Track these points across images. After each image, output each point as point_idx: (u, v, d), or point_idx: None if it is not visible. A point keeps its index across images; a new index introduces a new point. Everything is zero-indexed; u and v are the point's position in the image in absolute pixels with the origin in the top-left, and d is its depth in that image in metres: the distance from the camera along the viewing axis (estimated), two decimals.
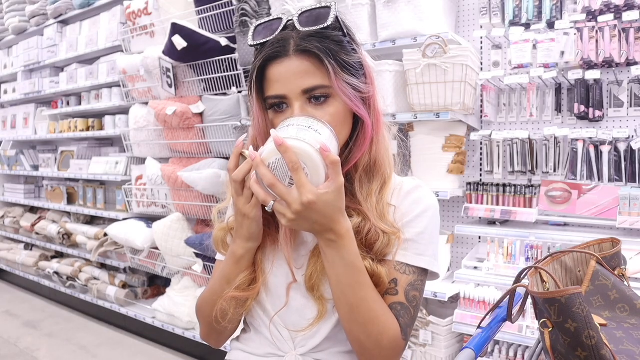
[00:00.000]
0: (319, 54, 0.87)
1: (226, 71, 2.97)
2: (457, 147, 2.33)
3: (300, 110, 0.89)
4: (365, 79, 0.94)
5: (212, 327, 1.01)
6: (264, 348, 1.00)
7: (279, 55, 0.89)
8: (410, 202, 0.97)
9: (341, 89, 0.89)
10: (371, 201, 0.95)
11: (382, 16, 2.38)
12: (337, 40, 0.90)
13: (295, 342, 0.97)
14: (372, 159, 0.96)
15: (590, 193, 2.09)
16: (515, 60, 2.20)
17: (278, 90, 0.90)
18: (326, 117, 0.89)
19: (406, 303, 0.93)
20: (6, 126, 5.33)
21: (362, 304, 0.87)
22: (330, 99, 0.90)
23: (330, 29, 0.89)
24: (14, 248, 5.07)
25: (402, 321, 0.91)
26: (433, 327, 2.33)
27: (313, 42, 0.88)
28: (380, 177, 0.97)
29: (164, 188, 3.30)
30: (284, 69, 0.89)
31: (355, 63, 0.92)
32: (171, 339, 3.37)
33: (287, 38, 0.89)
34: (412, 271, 0.94)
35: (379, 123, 0.97)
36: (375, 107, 0.96)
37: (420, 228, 0.95)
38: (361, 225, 0.92)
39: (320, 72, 0.88)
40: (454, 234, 2.44)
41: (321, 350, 0.96)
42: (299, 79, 0.88)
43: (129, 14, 3.52)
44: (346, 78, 0.90)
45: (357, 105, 0.92)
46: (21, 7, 4.92)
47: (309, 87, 0.88)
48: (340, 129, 0.92)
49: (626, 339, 0.78)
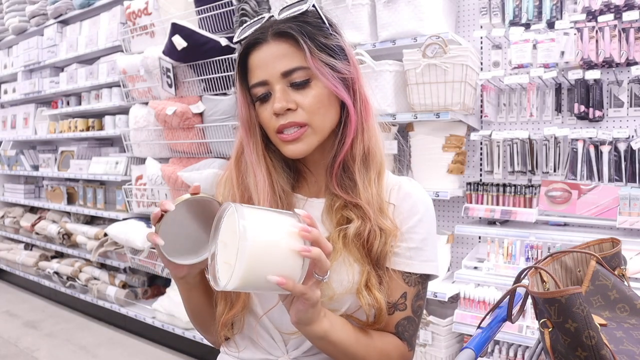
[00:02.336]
0: (294, 34, 0.88)
1: (226, 71, 2.97)
2: (457, 147, 2.33)
3: (281, 93, 0.89)
4: (348, 63, 0.94)
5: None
6: (254, 353, 0.97)
7: (257, 42, 0.91)
8: (411, 205, 0.96)
9: (318, 68, 0.89)
10: (371, 191, 0.94)
11: (382, 16, 2.38)
12: (315, 25, 0.91)
13: (287, 345, 0.95)
14: (366, 147, 0.95)
15: (590, 193, 2.09)
16: (515, 60, 2.20)
17: (259, 76, 0.91)
18: (308, 99, 0.89)
19: (412, 315, 0.95)
20: (6, 126, 5.33)
21: (366, 357, 0.89)
22: (311, 82, 0.90)
23: (309, 16, 0.91)
24: (14, 248, 5.07)
25: (407, 335, 0.95)
26: (433, 327, 2.33)
27: (289, 25, 0.90)
28: (375, 166, 0.97)
29: (164, 188, 3.30)
30: (263, 53, 0.90)
31: (334, 45, 0.92)
32: (171, 339, 3.37)
33: (266, 26, 0.92)
34: (419, 281, 0.95)
35: (367, 110, 0.96)
36: (362, 93, 0.95)
37: (423, 234, 0.96)
38: (360, 228, 0.91)
39: (298, 53, 0.89)
40: (454, 234, 2.44)
41: (314, 353, 0.94)
42: (277, 62, 0.89)
43: (129, 14, 3.52)
44: (324, 57, 0.90)
45: (336, 86, 0.91)
46: (21, 7, 4.92)
47: (288, 69, 0.89)
48: (325, 112, 0.92)
49: (626, 339, 0.78)
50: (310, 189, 1.01)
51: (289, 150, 0.92)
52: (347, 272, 0.90)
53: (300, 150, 0.91)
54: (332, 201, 0.95)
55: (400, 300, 0.94)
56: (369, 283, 0.90)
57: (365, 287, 0.89)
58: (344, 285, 0.90)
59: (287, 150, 0.92)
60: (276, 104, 0.88)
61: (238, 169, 0.99)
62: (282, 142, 0.92)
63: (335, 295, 0.90)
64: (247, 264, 0.67)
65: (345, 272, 0.91)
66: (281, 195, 0.95)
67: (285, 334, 0.94)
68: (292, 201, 0.98)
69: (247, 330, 0.98)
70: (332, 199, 0.95)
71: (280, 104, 0.88)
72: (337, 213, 0.94)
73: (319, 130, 0.92)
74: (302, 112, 0.90)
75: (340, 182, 0.95)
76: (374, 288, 0.90)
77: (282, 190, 0.96)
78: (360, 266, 0.91)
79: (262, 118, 0.93)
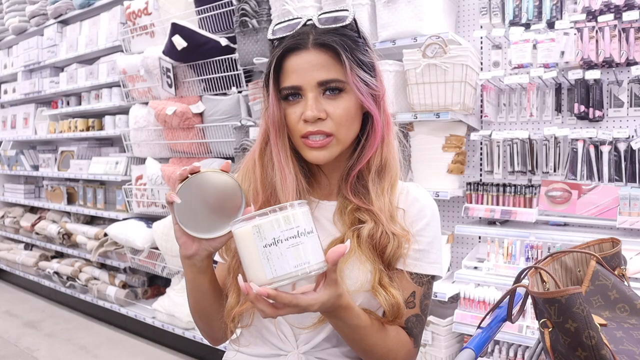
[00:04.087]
0: (337, 47, 0.91)
1: (226, 71, 2.97)
2: (457, 147, 2.33)
3: (314, 101, 0.91)
4: (377, 80, 0.97)
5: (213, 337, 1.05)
6: (263, 349, 0.99)
7: (298, 47, 0.92)
8: (418, 209, 1.00)
9: (355, 83, 0.92)
10: (383, 200, 0.97)
11: (382, 16, 2.38)
12: (353, 39, 0.93)
13: (298, 340, 0.97)
14: (383, 160, 0.99)
15: (590, 193, 2.09)
16: (515, 60, 2.20)
17: (294, 81, 0.92)
18: (338, 110, 0.92)
19: (420, 313, 0.98)
20: (6, 126, 5.33)
21: (374, 348, 0.91)
22: (343, 93, 0.93)
23: (348, 28, 0.93)
24: (14, 248, 5.07)
25: (415, 332, 0.98)
26: (433, 327, 2.33)
27: (331, 37, 0.91)
28: (390, 177, 1.00)
29: (164, 188, 3.30)
30: (302, 60, 0.91)
31: (368, 62, 0.96)
32: (171, 339, 3.37)
33: (307, 32, 0.93)
34: (426, 281, 0.98)
35: (389, 125, 1.00)
36: (385, 109, 1.00)
37: (430, 237, 0.99)
38: (373, 229, 0.94)
39: (336, 66, 0.91)
40: (454, 234, 2.44)
41: (324, 348, 0.96)
42: (315, 71, 0.91)
43: (129, 14, 3.52)
44: (360, 73, 0.93)
45: (369, 101, 0.94)
46: (21, 7, 4.92)
47: (325, 80, 0.91)
48: (350, 125, 0.94)
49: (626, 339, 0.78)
50: (323, 191, 1.03)
51: (312, 156, 0.94)
52: (360, 269, 0.93)
53: (323, 157, 0.94)
54: (344, 204, 0.98)
55: (410, 298, 0.97)
56: (382, 281, 0.93)
57: (379, 285, 0.92)
58: (357, 282, 0.93)
59: (311, 155, 0.94)
60: (308, 111, 0.90)
61: (262, 163, 1.00)
62: (306, 146, 0.94)
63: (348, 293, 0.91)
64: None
65: (357, 270, 0.93)
66: (305, 196, 0.98)
67: (297, 329, 0.96)
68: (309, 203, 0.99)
69: (257, 326, 1.00)
70: (344, 202, 0.98)
71: (312, 113, 0.90)
72: (350, 215, 0.97)
73: (342, 142, 0.95)
74: (330, 122, 0.92)
75: (354, 190, 0.98)
76: (387, 285, 0.93)
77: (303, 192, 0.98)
78: (372, 265, 0.93)
79: (289, 119, 0.94)
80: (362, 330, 0.88)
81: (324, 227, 0.99)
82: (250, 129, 2.77)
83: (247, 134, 2.78)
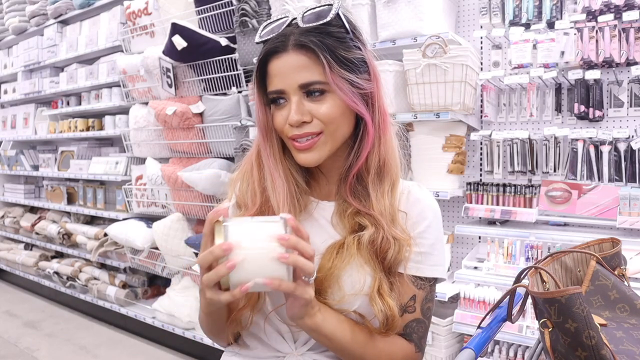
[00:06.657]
0: (314, 48, 0.88)
1: (226, 71, 2.97)
2: (457, 147, 2.33)
3: (297, 105, 0.89)
4: (369, 76, 0.94)
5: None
6: (261, 350, 0.99)
7: (277, 50, 0.91)
8: (420, 211, 0.98)
9: (336, 83, 0.89)
10: (384, 202, 0.95)
11: (382, 16, 2.38)
12: (337, 36, 0.91)
13: (296, 341, 0.96)
14: (382, 160, 0.96)
15: (590, 193, 2.09)
16: (515, 60, 2.20)
17: (277, 85, 0.91)
18: (322, 112, 0.90)
19: (421, 317, 0.97)
20: (6, 126, 5.33)
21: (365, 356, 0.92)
22: (327, 93, 0.90)
23: (332, 25, 0.90)
24: (14, 248, 5.07)
25: (415, 336, 0.97)
26: (433, 327, 2.33)
27: (310, 37, 0.89)
28: (390, 178, 0.97)
29: (164, 188, 3.30)
30: (282, 63, 0.90)
31: (355, 59, 0.92)
32: (171, 339, 3.37)
33: (288, 34, 0.91)
34: (427, 284, 0.97)
35: (385, 123, 0.97)
36: (380, 106, 0.96)
37: (432, 239, 0.97)
38: (374, 235, 0.92)
39: (317, 67, 0.89)
40: (454, 234, 2.44)
41: (322, 350, 0.95)
42: (295, 74, 0.89)
43: (129, 14, 3.52)
44: (343, 73, 0.90)
45: (355, 101, 0.91)
46: (21, 7, 4.92)
47: (305, 82, 0.89)
48: (339, 124, 0.92)
49: (626, 339, 0.78)
50: (322, 191, 1.02)
51: (301, 159, 0.93)
52: (359, 275, 0.92)
53: (312, 159, 0.92)
54: (344, 206, 0.97)
55: (410, 302, 0.95)
56: (381, 289, 0.91)
57: (377, 293, 0.91)
58: (355, 288, 0.92)
59: (300, 158, 0.93)
60: (292, 116, 0.89)
61: (259, 164, 0.99)
62: (295, 149, 0.93)
63: (345, 297, 0.91)
64: (235, 272, 0.76)
65: (357, 275, 0.92)
66: (299, 197, 0.97)
67: (295, 329, 0.95)
68: (308, 203, 0.99)
69: (255, 328, 0.99)
70: (343, 204, 0.97)
71: (296, 117, 0.89)
72: (350, 219, 0.95)
73: (332, 140, 0.93)
74: (317, 122, 0.91)
75: (353, 192, 0.96)
76: (386, 295, 0.91)
77: (299, 192, 0.97)
78: (372, 271, 0.92)
79: (276, 123, 0.94)
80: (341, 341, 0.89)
81: (323, 227, 0.98)
82: (250, 129, 2.78)
83: (247, 134, 2.78)
